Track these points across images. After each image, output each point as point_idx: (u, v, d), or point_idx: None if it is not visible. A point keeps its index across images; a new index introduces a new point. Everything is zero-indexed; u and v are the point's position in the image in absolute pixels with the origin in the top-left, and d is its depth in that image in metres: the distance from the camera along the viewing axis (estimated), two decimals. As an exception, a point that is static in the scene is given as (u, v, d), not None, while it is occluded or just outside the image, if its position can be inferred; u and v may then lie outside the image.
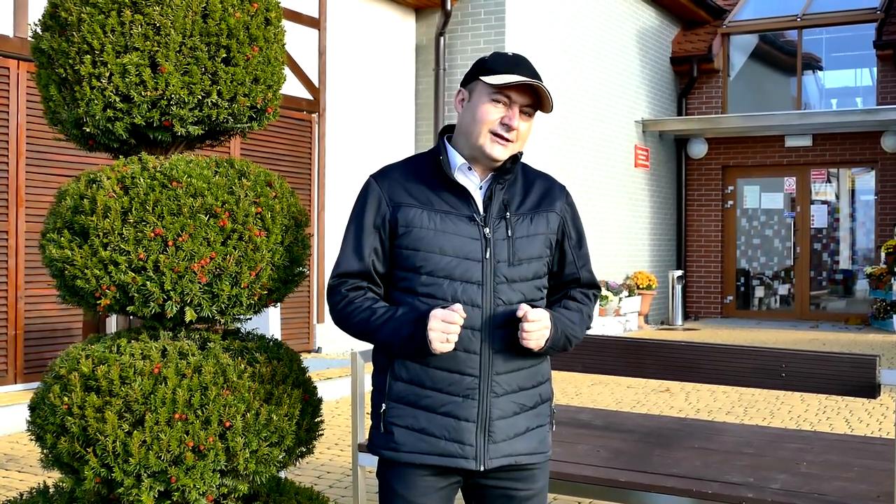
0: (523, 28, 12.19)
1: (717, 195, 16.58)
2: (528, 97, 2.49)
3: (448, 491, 2.57)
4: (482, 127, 2.50)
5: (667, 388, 9.11)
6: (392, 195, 2.53)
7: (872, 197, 15.77)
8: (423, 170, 2.57)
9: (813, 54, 16.79)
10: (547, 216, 2.59)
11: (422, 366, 2.48)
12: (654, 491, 3.64)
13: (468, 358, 2.47)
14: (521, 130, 2.52)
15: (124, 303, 2.71)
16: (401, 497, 2.54)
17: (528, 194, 2.59)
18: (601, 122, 14.24)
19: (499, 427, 2.50)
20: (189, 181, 2.70)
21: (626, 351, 4.22)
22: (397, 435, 2.50)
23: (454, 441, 2.47)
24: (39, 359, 7.51)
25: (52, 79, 2.88)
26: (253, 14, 2.91)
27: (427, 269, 2.47)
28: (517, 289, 2.52)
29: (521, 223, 2.54)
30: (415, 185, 2.54)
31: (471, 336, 2.46)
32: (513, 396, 2.52)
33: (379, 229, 2.53)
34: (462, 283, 2.47)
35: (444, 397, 2.47)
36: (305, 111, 10.24)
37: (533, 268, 2.55)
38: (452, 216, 2.50)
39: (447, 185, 2.53)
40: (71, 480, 2.76)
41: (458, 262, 2.47)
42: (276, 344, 2.94)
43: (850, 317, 15.53)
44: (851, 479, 3.70)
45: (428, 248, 2.47)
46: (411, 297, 2.49)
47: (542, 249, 2.57)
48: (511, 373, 2.51)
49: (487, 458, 2.49)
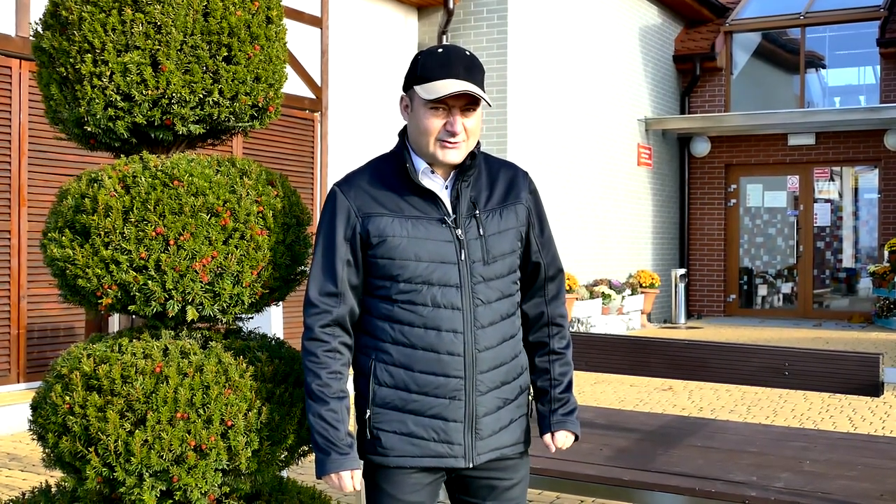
0: (526, 26, 12.17)
1: (720, 193, 16.57)
2: (464, 98, 2.47)
3: (434, 486, 2.59)
4: (428, 137, 2.49)
5: (670, 387, 9.11)
6: (360, 206, 2.51)
7: (876, 195, 15.75)
8: (388, 175, 2.55)
9: (816, 52, 16.77)
10: (515, 209, 2.59)
11: (406, 370, 2.48)
12: (657, 490, 3.64)
13: (452, 360, 2.48)
14: (470, 128, 2.50)
15: (126, 302, 2.70)
16: (390, 496, 2.55)
17: (493, 188, 2.59)
18: (604, 121, 14.23)
19: (485, 423, 2.52)
20: (190, 180, 2.70)
21: (629, 349, 4.22)
22: (385, 440, 2.51)
23: (443, 442, 2.50)
24: (42, 358, 7.51)
25: (53, 78, 2.87)
26: (254, 12, 2.91)
27: (404, 277, 2.47)
28: (494, 286, 2.53)
29: (491, 220, 2.55)
30: (382, 192, 2.52)
31: (454, 339, 2.47)
32: (496, 392, 2.54)
33: (350, 241, 2.51)
34: (440, 287, 2.47)
35: (432, 400, 2.48)
36: (308, 110, 10.24)
37: (507, 263, 2.56)
38: (423, 220, 2.49)
39: (414, 190, 2.52)
40: (73, 480, 2.76)
41: (435, 267, 2.47)
42: (277, 343, 2.93)
43: (853, 315, 15.51)
44: (855, 478, 3.69)
45: (403, 256, 2.47)
46: (389, 304, 2.49)
47: (514, 243, 2.58)
48: (494, 369, 2.54)
49: (475, 455, 2.52)
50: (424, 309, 2.46)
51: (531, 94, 12.24)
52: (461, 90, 2.42)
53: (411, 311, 2.46)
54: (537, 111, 12.35)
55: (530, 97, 12.21)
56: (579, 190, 13.55)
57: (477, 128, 2.54)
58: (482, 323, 2.50)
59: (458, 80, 2.43)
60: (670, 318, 15.69)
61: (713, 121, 15.73)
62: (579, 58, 13.48)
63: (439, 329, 2.47)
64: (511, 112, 11.81)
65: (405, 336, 2.48)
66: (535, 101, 12.33)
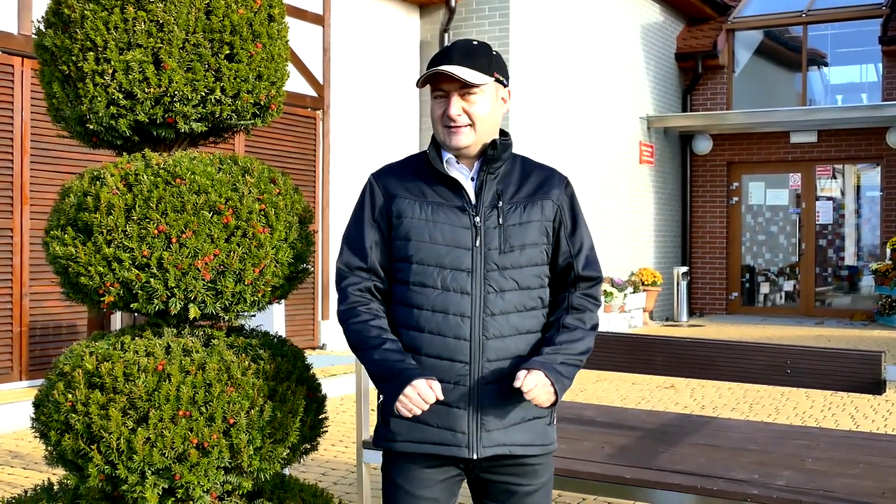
0: (528, 24, 12.17)
1: (722, 191, 16.55)
2: (457, 81, 2.51)
3: (449, 484, 2.57)
4: (436, 125, 2.58)
5: (671, 385, 9.11)
6: (388, 188, 2.59)
7: (878, 193, 15.73)
8: (419, 166, 2.63)
9: (818, 50, 16.74)
10: (542, 204, 2.59)
11: (413, 353, 2.50)
12: (658, 488, 3.64)
13: (458, 345, 2.49)
14: (474, 112, 2.53)
15: (128, 300, 2.71)
16: (401, 489, 2.55)
17: (523, 184, 2.61)
18: (606, 119, 14.22)
19: (491, 415, 2.50)
20: (192, 178, 2.70)
21: (631, 347, 4.22)
22: (393, 424, 2.53)
23: (446, 428, 2.49)
24: (44, 356, 7.52)
25: (56, 76, 2.88)
26: (256, 10, 2.91)
27: (417, 258, 2.52)
28: (509, 276, 2.53)
29: (513, 211, 2.56)
30: (410, 180, 2.60)
31: (460, 323, 2.49)
32: (505, 384, 2.51)
33: (378, 222, 2.58)
34: (451, 270, 2.50)
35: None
36: (310, 108, 10.24)
37: (527, 255, 2.56)
38: (444, 207, 2.54)
39: (440, 179, 2.57)
40: (75, 478, 2.76)
41: (448, 251, 2.51)
42: (280, 341, 2.94)
43: (855, 313, 15.50)
44: (857, 476, 3.69)
45: (418, 238, 2.52)
46: (404, 287, 2.54)
47: (538, 237, 2.57)
48: (503, 360, 2.52)
49: (480, 447, 2.50)
50: (434, 292, 2.49)
51: (532, 92, 12.23)
52: (435, 71, 2.49)
53: (421, 293, 2.50)
54: (538, 109, 12.35)
55: (531, 95, 12.21)
56: (581, 188, 13.54)
57: (486, 112, 2.55)
58: (492, 311, 2.50)
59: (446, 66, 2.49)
60: (672, 316, 15.68)
61: (715, 119, 15.71)
62: (581, 56, 13.48)
63: (446, 312, 2.49)
64: (512, 110, 11.80)
65: (415, 319, 2.51)
66: (537, 100, 12.33)
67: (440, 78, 2.51)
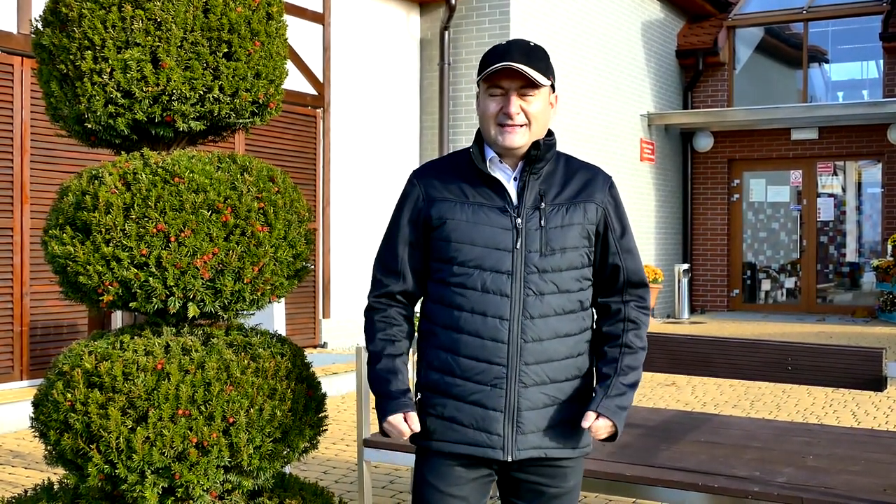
0: (528, 22, 12.16)
1: (723, 188, 16.54)
2: (519, 79, 2.49)
3: (481, 483, 2.57)
4: (488, 122, 2.54)
5: (673, 382, 9.10)
6: (428, 191, 2.59)
7: (879, 190, 15.72)
8: (460, 165, 2.61)
9: (819, 47, 16.73)
10: (584, 206, 2.56)
11: (452, 354, 2.51)
12: (660, 485, 3.63)
13: (496, 347, 2.48)
14: (531, 112, 2.51)
15: (127, 299, 2.70)
16: (432, 486, 2.56)
17: (566, 185, 2.58)
18: (606, 116, 14.22)
19: (527, 418, 2.49)
20: (191, 177, 2.70)
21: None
22: (429, 423, 2.54)
23: (482, 430, 2.49)
24: (45, 355, 7.52)
25: (54, 75, 2.87)
26: (254, 9, 2.90)
27: (459, 260, 2.51)
28: (550, 279, 2.51)
29: (555, 213, 2.53)
30: (451, 180, 2.58)
31: (499, 325, 2.48)
32: (543, 388, 2.51)
33: (413, 223, 2.59)
34: (491, 272, 2.49)
35: (473, 386, 2.49)
36: (310, 106, 10.24)
37: (568, 258, 2.53)
38: (485, 208, 2.53)
39: (482, 179, 2.55)
40: (75, 477, 2.76)
41: (489, 253, 2.50)
42: (279, 339, 2.93)
43: (856, 310, 15.49)
44: (858, 473, 3.69)
45: (460, 239, 2.51)
46: (444, 287, 2.54)
47: (580, 239, 2.54)
48: (541, 364, 2.50)
49: (516, 449, 2.49)
50: (473, 293, 2.49)
51: (533, 89, 12.22)
52: (505, 65, 2.45)
53: (461, 294, 2.50)
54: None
55: (533, 93, 12.20)
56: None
57: (541, 113, 2.53)
58: (531, 314, 2.49)
59: (510, 63, 2.46)
60: (673, 313, 15.68)
61: (716, 116, 15.70)
62: (581, 53, 13.47)
63: (485, 314, 2.48)
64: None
65: (453, 320, 2.51)
66: (538, 97, 12.32)
67: (501, 74, 2.48)
